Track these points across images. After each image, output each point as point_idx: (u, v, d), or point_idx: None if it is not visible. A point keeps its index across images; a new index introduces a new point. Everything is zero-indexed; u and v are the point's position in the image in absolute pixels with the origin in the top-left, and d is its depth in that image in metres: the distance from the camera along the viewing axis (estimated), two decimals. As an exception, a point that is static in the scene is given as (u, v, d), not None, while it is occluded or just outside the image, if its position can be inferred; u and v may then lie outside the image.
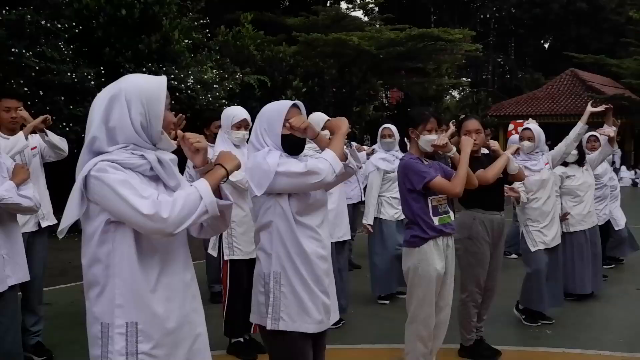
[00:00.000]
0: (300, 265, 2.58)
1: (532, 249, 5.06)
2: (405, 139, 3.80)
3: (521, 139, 5.14)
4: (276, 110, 2.62)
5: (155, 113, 1.96)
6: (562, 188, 5.80)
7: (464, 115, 5.77)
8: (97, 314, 1.92)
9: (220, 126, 5.65)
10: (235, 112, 4.33)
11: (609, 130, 5.63)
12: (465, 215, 4.36)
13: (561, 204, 5.75)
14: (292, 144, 2.61)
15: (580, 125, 5.16)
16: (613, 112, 5.77)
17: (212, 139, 5.60)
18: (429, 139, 3.55)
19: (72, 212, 1.90)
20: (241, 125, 4.26)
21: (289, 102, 2.66)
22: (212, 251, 5.79)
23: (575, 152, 5.65)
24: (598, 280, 6.14)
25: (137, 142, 1.94)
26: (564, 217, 5.69)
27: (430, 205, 3.59)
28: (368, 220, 5.75)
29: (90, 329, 1.95)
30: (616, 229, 7.14)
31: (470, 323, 4.34)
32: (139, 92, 1.94)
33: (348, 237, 5.15)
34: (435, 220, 3.58)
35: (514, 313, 5.33)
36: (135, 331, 1.89)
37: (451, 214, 3.73)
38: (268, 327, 2.56)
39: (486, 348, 4.47)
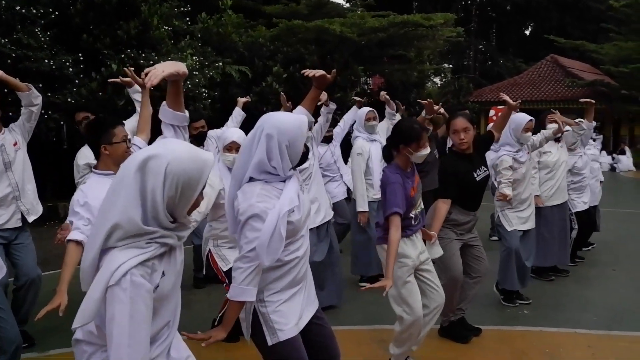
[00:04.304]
0: (279, 277, 2.55)
1: (509, 229, 5.19)
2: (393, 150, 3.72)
3: (526, 130, 5.15)
4: (297, 126, 2.50)
5: (186, 199, 1.87)
6: (539, 164, 5.93)
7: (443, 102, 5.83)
8: None
9: (201, 127, 5.69)
10: (226, 135, 4.22)
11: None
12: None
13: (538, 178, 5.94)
14: (304, 157, 2.58)
15: (551, 130, 5.54)
16: (593, 98, 6.02)
17: (191, 139, 5.58)
18: (422, 155, 3.59)
19: (89, 314, 1.77)
20: (232, 147, 4.10)
21: (304, 117, 2.60)
22: (196, 240, 5.78)
23: (555, 126, 5.79)
24: (564, 256, 6.24)
25: (162, 223, 1.85)
26: (537, 200, 5.79)
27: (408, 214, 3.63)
28: (362, 207, 5.70)
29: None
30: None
31: (449, 306, 4.35)
32: (182, 172, 1.81)
33: (330, 216, 5.17)
34: (411, 214, 3.64)
35: (494, 292, 5.46)
36: None
37: (421, 202, 3.78)
38: (270, 344, 2.53)
39: (466, 327, 4.56)
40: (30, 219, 4.41)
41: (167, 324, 2.01)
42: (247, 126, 3.81)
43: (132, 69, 4.18)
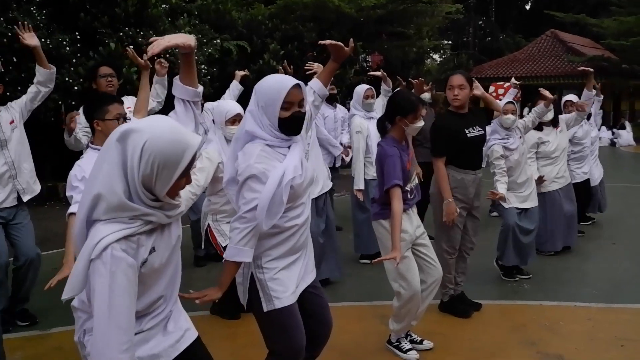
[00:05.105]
0: (278, 244, 2.55)
1: (506, 206, 5.21)
2: (387, 123, 3.73)
3: (505, 112, 5.05)
4: (276, 90, 2.46)
5: (163, 180, 1.81)
6: (537, 153, 5.89)
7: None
8: None
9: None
10: (229, 107, 4.20)
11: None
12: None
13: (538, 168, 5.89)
14: (290, 126, 2.50)
15: (541, 107, 5.35)
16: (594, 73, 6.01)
17: None
18: (417, 127, 3.60)
19: (76, 285, 1.79)
20: (235, 120, 4.10)
21: (290, 82, 2.48)
22: (193, 215, 5.81)
23: (551, 112, 5.75)
24: (572, 236, 6.26)
25: (142, 199, 1.81)
26: (540, 181, 5.77)
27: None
28: (359, 186, 5.75)
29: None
30: (591, 184, 7.25)
31: (447, 276, 4.38)
32: (158, 151, 1.76)
33: (328, 187, 5.17)
34: (406, 187, 3.64)
35: (494, 266, 5.49)
36: None
37: (415, 177, 3.79)
38: (265, 310, 2.54)
39: (466, 303, 4.58)
40: (25, 198, 4.37)
41: (163, 297, 2.01)
42: (243, 100, 3.80)
43: (133, 47, 4.15)
